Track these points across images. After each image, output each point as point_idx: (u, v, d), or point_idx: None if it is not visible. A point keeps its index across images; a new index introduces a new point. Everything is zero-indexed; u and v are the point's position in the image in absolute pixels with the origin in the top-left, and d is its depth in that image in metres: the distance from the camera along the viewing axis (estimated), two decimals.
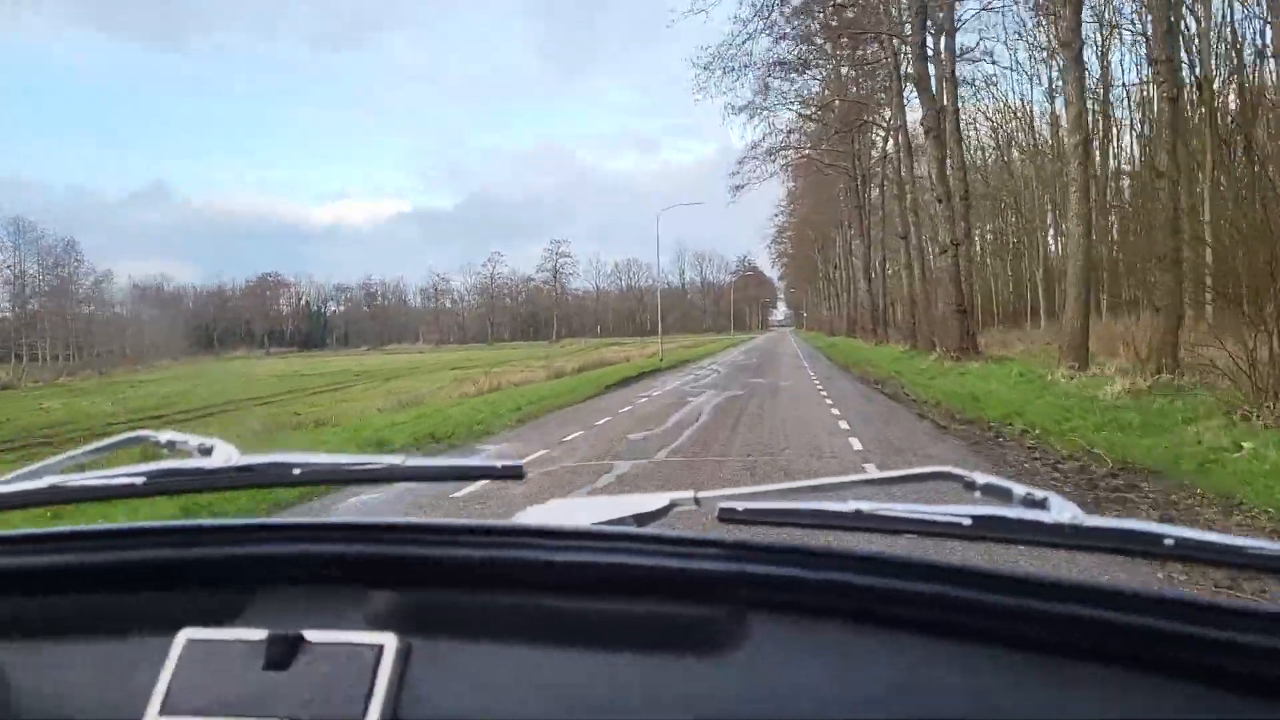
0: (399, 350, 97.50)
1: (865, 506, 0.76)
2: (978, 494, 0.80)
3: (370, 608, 0.72)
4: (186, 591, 0.78)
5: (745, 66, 28.31)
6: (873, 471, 1.13)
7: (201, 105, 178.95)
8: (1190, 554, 0.70)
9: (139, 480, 0.87)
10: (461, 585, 0.74)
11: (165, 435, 1.00)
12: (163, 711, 0.66)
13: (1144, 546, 0.70)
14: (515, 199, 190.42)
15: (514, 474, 0.94)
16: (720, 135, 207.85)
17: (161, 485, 0.89)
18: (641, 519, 0.88)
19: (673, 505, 0.89)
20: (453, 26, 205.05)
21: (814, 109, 36.58)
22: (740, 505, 0.80)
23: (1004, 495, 0.78)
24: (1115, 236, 34.07)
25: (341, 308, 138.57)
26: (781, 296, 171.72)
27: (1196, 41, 27.48)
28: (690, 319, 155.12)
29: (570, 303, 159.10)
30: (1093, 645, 0.64)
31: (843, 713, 0.62)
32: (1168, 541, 0.69)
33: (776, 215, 71.22)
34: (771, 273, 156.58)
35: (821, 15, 27.93)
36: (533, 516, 0.91)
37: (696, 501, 0.86)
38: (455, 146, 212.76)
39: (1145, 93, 31.13)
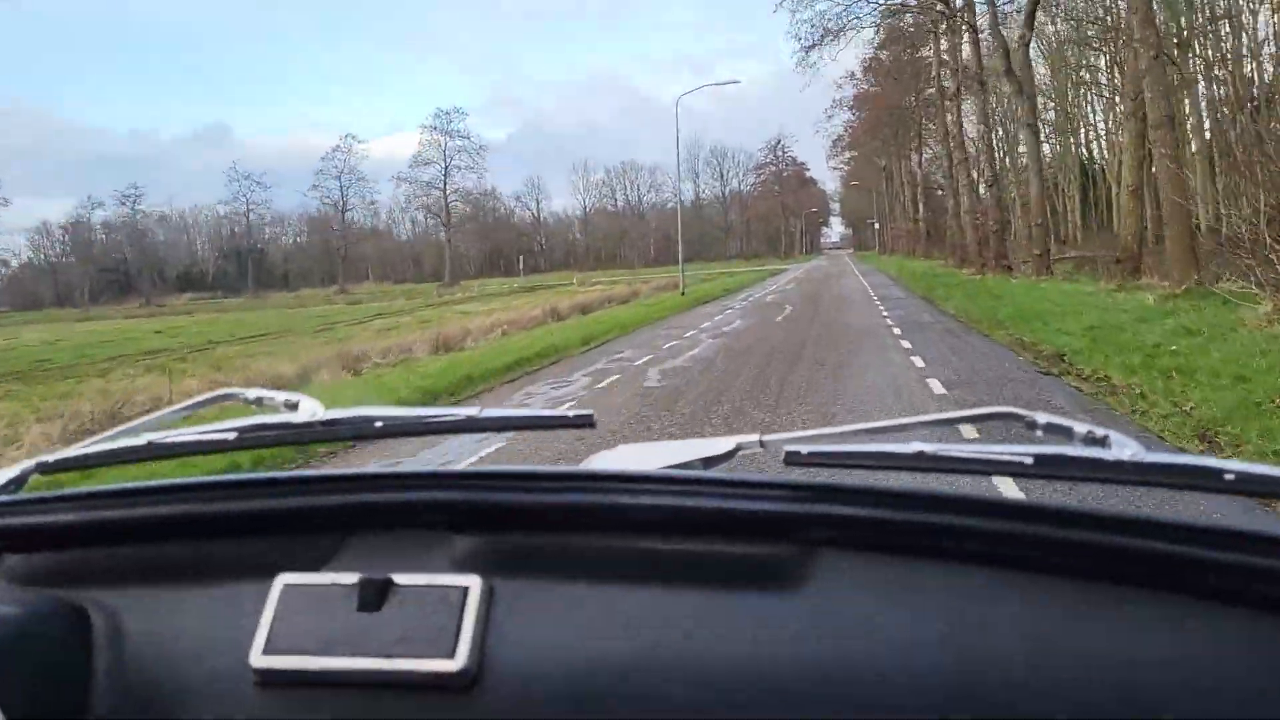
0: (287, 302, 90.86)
1: (928, 448, 0.92)
2: (1039, 433, 0.97)
3: (454, 552, 0.91)
4: (282, 539, 0.96)
5: None
6: (936, 414, 1.03)
7: (257, 48, 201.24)
8: (1251, 488, 0.84)
9: (231, 435, 1.12)
10: (539, 529, 0.92)
11: (253, 392, 1.29)
12: (266, 651, 0.83)
13: (1205, 481, 0.84)
14: (569, 129, 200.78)
15: (586, 422, 1.18)
16: (775, 58, 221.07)
17: (252, 439, 1.14)
18: (708, 462, 1.08)
19: (739, 448, 1.09)
20: None
21: None
22: (805, 449, 0.97)
23: (1065, 433, 0.95)
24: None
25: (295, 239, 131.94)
26: (837, 211, 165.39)
27: None
28: (711, 244, 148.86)
29: (551, 226, 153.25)
30: (1148, 576, 0.78)
31: (906, 643, 0.77)
32: (1228, 476, 0.83)
33: (840, 88, 65.24)
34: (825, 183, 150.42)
35: None
36: (604, 461, 1.17)
37: (762, 444, 1.07)
38: (509, 75, 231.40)
39: None
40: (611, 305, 35.03)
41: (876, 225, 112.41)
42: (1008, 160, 42.96)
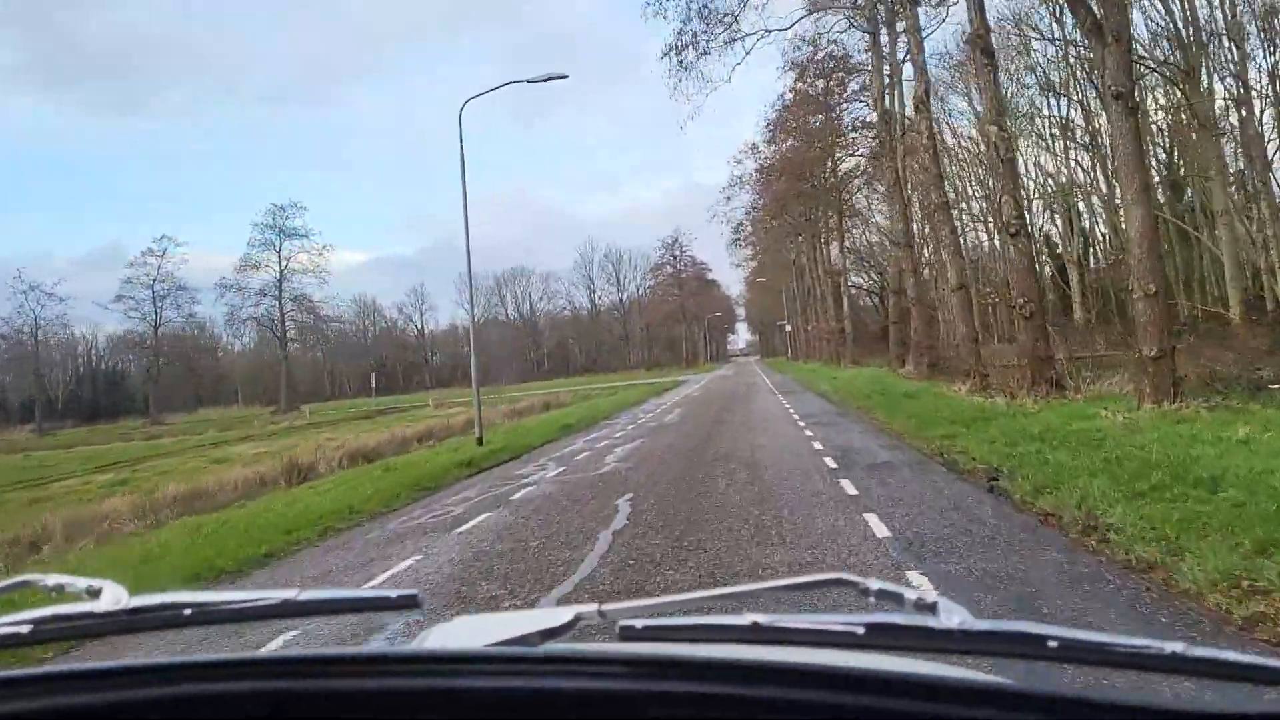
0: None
1: (762, 619, 0.93)
2: (871, 599, 0.98)
3: None
4: None
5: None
6: (771, 581, 1.12)
7: (157, 170, 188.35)
8: (1071, 655, 0.89)
9: (25, 629, 1.04)
10: (370, 715, 0.89)
11: (52, 578, 1.18)
12: None
13: (1029, 649, 0.89)
14: (481, 244, 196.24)
15: (410, 603, 1.12)
16: (684, 169, 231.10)
17: (49, 632, 1.06)
18: (547, 634, 1.06)
19: (578, 619, 1.06)
20: (419, 79, 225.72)
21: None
22: (640, 622, 0.97)
23: (896, 600, 0.96)
24: None
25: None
26: (743, 316, 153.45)
27: None
28: (610, 353, 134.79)
29: (439, 338, 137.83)
30: None
31: None
32: (1051, 644, 0.88)
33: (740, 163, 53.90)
34: (728, 285, 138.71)
35: None
36: (439, 637, 1.20)
37: (601, 614, 1.03)
38: (419, 195, 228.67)
39: None
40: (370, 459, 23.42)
41: (788, 328, 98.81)
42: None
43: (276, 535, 11.18)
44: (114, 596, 1.10)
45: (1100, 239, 48.79)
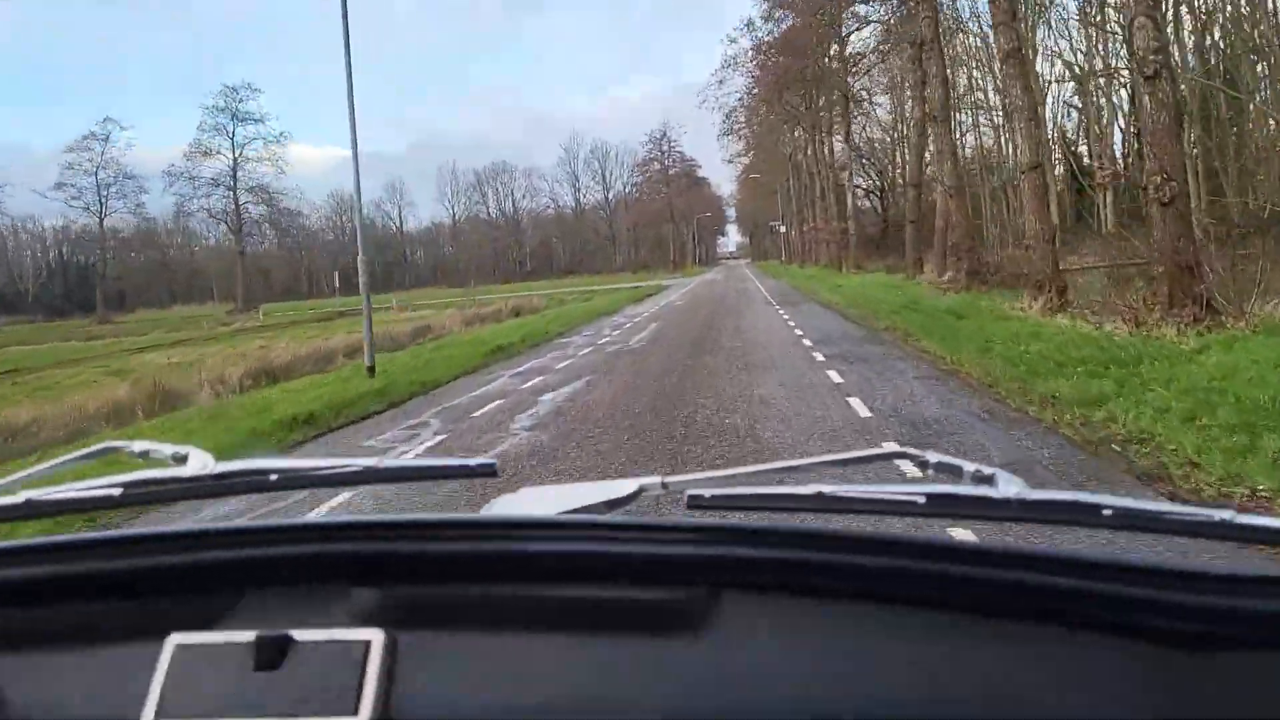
0: None
1: (826, 489, 0.95)
2: (930, 472, 1.03)
3: (355, 605, 0.88)
4: (173, 597, 0.93)
5: None
6: (832, 455, 1.11)
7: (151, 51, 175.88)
8: (1124, 523, 0.91)
9: (116, 491, 1.09)
10: (442, 579, 0.92)
11: (139, 445, 1.24)
12: (158, 716, 0.79)
13: (1084, 517, 0.91)
14: (466, 141, 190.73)
15: (488, 472, 1.17)
16: (672, 69, 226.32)
17: (138, 495, 1.11)
18: (611, 505, 1.07)
19: (641, 490, 1.09)
20: None
21: None
22: (707, 491, 0.99)
23: (954, 472, 1.01)
24: None
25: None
26: (733, 218, 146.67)
27: None
28: (595, 254, 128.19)
29: (416, 238, 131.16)
30: (1034, 608, 0.83)
31: (807, 684, 0.79)
32: (1105, 512, 0.90)
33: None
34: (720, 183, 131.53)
35: None
36: (505, 506, 1.19)
37: (664, 486, 1.06)
38: (408, 90, 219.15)
39: None
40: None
41: (782, 229, 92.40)
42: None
43: None
44: (200, 461, 1.15)
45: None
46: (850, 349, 14.83)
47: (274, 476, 1.11)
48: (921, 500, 0.93)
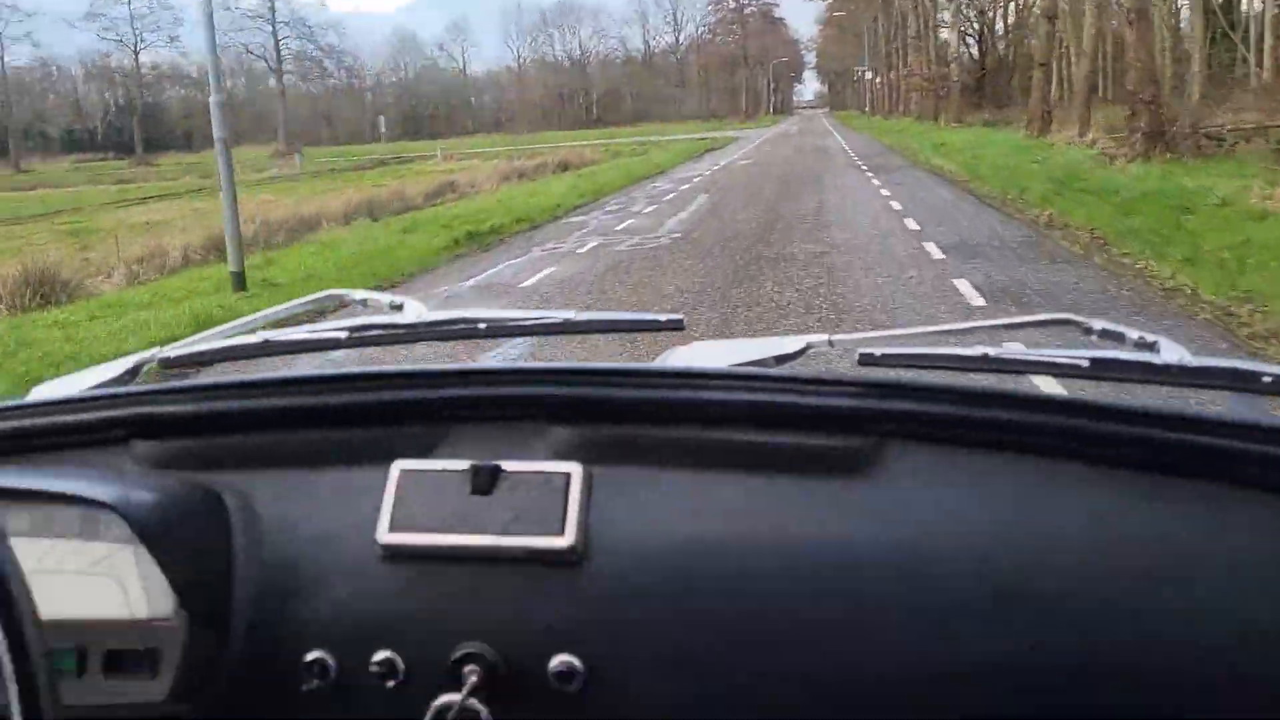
0: None
1: (991, 350, 1.00)
2: (1094, 337, 1.09)
3: (554, 442, 0.96)
4: (394, 428, 1.02)
5: None
6: (998, 319, 1.53)
7: None
8: None
9: (342, 334, 1.23)
10: (629, 421, 0.98)
11: (359, 293, 1.43)
12: (391, 528, 0.91)
13: (1246, 384, 0.95)
14: None
15: (676, 326, 1.29)
16: None
17: (362, 338, 1.25)
18: (779, 359, 1.14)
19: (809, 347, 1.16)
20: None
21: None
22: (877, 350, 1.06)
23: (1118, 338, 1.07)
24: None
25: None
26: (812, 64, 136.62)
27: None
28: (665, 103, 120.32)
29: (482, 84, 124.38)
30: (1197, 467, 0.84)
31: (974, 527, 0.85)
32: (1265, 379, 0.93)
33: None
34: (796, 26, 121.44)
35: None
36: (679, 358, 1.24)
37: (830, 343, 1.16)
38: None
39: None
40: None
41: (869, 75, 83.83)
42: None
43: None
44: (415, 310, 1.28)
45: None
46: (1024, 274, 9.24)
47: (482, 325, 1.25)
48: (1085, 364, 0.95)
